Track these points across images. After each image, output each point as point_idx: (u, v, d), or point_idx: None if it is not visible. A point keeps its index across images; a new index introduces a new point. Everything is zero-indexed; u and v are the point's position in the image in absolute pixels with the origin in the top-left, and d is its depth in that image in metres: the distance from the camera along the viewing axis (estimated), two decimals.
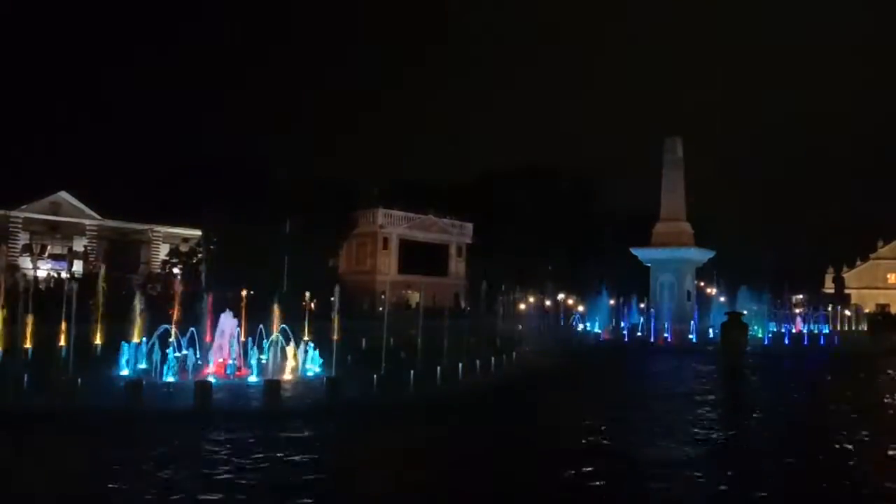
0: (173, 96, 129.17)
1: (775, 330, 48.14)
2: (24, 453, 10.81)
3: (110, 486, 9.05)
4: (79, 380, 14.33)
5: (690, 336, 39.87)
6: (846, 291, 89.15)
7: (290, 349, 19.03)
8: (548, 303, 57.63)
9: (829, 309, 59.29)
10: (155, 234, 66.47)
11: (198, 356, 18.42)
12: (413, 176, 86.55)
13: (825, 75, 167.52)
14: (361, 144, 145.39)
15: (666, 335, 39.50)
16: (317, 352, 19.55)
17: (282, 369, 18.43)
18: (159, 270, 60.56)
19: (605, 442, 12.66)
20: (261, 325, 20.01)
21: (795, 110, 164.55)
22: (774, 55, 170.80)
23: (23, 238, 60.05)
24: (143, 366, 18.37)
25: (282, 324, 19.50)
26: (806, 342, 40.96)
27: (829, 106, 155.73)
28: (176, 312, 21.17)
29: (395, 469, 10.60)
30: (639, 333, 41.43)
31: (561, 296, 59.91)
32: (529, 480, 9.86)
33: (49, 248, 61.63)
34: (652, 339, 38.35)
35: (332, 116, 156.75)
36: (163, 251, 65.00)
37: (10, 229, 59.03)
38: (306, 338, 21.51)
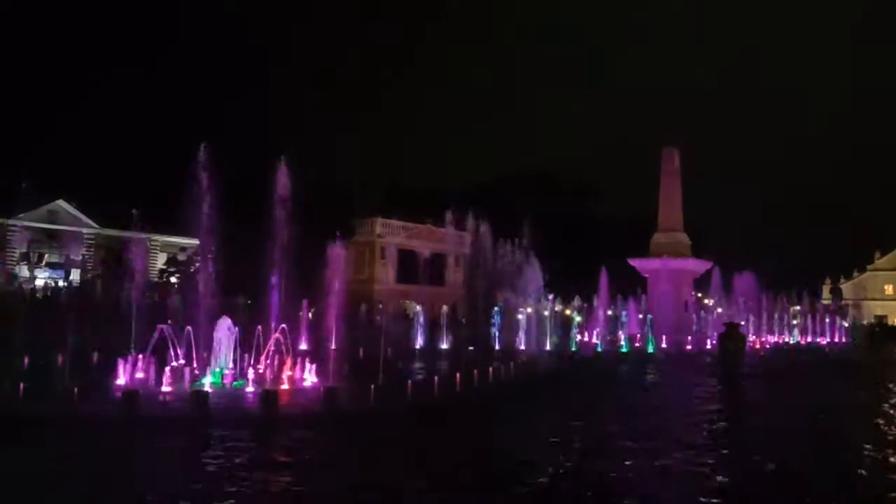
0: (172, 104, 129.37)
1: (774, 340, 48.20)
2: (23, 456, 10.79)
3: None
4: (75, 389, 14.30)
5: (688, 346, 39.88)
6: (843, 302, 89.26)
7: (287, 359, 19.02)
8: (546, 313, 57.53)
9: (827, 320, 59.44)
10: (153, 242, 66.41)
11: (195, 365, 18.38)
12: (412, 182, 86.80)
13: (826, 76, 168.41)
14: (361, 149, 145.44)
15: (664, 345, 39.52)
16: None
17: (278, 379, 18.38)
18: (157, 279, 60.46)
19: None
20: (258, 334, 19.97)
21: (795, 115, 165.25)
22: (774, 62, 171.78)
23: (20, 246, 59.96)
24: (140, 375, 18.31)
25: (278, 332, 19.46)
26: (804, 353, 41.06)
27: (829, 107, 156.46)
28: (173, 321, 21.10)
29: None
30: (636, 344, 41.43)
31: (559, 306, 59.85)
32: None
33: (46, 256, 61.57)
34: (650, 350, 38.32)
35: (331, 121, 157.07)
36: (160, 260, 64.98)
37: (8, 238, 58.96)
38: (303, 347, 21.48)
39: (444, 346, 35.92)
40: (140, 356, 18.57)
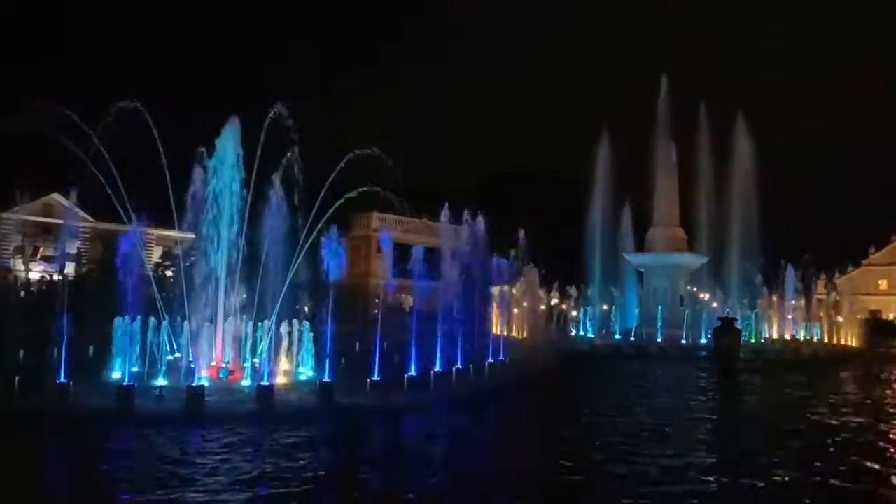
0: (168, 93, 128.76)
1: (767, 335, 48.30)
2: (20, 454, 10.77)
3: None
4: (70, 383, 14.25)
5: (683, 341, 39.95)
6: (838, 297, 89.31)
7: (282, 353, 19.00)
8: (542, 307, 57.53)
9: (822, 315, 59.48)
10: (148, 236, 66.04)
11: (191, 359, 18.31)
12: (411, 179, 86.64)
13: (825, 74, 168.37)
14: (360, 145, 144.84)
15: (659, 340, 39.59)
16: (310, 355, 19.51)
17: (275, 373, 18.33)
18: (152, 273, 60.19)
19: None
20: (256, 328, 19.93)
21: (794, 112, 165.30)
22: (773, 55, 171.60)
23: (15, 240, 59.62)
24: (135, 369, 18.23)
25: (276, 327, 19.40)
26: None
27: (830, 107, 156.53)
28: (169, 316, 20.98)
29: None
30: (632, 338, 41.50)
31: (555, 300, 59.83)
32: None
33: (41, 249, 61.24)
34: (645, 344, 38.36)
35: (331, 118, 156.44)
36: (156, 254, 64.67)
37: (3, 231, 58.64)
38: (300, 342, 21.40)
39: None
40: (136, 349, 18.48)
